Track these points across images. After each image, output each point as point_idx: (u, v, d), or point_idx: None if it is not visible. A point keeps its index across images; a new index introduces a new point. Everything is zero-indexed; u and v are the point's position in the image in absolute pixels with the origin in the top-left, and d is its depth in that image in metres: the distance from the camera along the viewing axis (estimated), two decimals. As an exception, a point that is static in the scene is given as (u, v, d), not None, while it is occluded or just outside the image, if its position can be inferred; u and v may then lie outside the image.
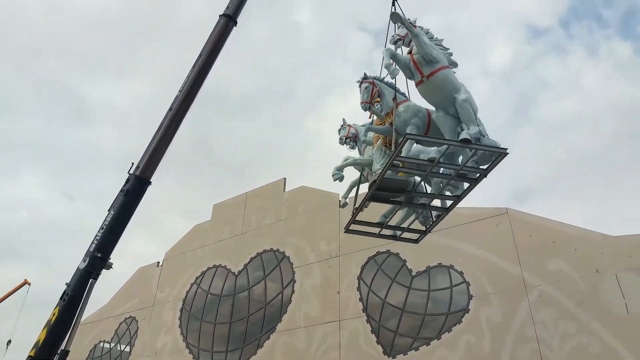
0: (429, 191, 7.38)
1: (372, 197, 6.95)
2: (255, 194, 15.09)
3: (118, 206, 9.08)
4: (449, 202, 7.30)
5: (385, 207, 7.78)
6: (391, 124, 6.86)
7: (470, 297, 9.43)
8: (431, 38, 6.79)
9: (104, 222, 9.16)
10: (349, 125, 8.19)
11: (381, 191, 6.83)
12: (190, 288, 14.81)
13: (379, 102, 7.14)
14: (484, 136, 6.35)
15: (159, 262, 16.37)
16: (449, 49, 6.87)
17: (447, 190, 7.08)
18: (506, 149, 6.25)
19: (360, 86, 7.10)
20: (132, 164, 9.35)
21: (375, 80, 7.11)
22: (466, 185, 6.90)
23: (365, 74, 7.18)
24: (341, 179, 7.70)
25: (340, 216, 12.40)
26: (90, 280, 8.81)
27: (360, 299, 11.03)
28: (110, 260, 9.30)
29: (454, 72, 6.66)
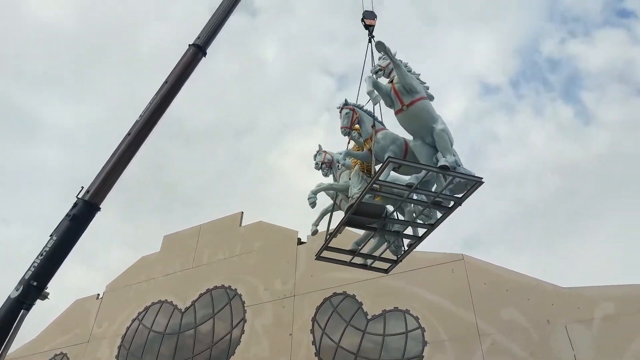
0: (399, 227, 7.50)
1: (348, 221, 7.02)
2: (210, 227, 14.63)
3: (62, 232, 8.43)
4: (421, 232, 7.40)
5: (357, 236, 7.95)
6: (370, 150, 7.04)
7: (425, 343, 9.38)
8: (409, 71, 7.12)
9: (44, 247, 8.43)
10: (325, 152, 8.26)
11: (358, 215, 6.91)
12: (131, 324, 13.89)
13: (358, 130, 7.34)
14: (459, 165, 6.57)
15: (99, 295, 15.35)
16: (425, 82, 7.21)
17: (420, 219, 7.22)
18: (482, 177, 6.48)
19: (340, 112, 7.27)
20: (82, 187, 8.82)
21: (355, 107, 7.29)
22: (440, 214, 7.05)
23: (346, 100, 7.36)
24: (314, 205, 7.68)
25: (298, 254, 12.21)
26: (22, 311, 8.02)
27: (313, 342, 10.71)
28: (46, 290, 8.58)
29: (431, 102, 7.00)
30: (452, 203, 6.78)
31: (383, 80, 7.07)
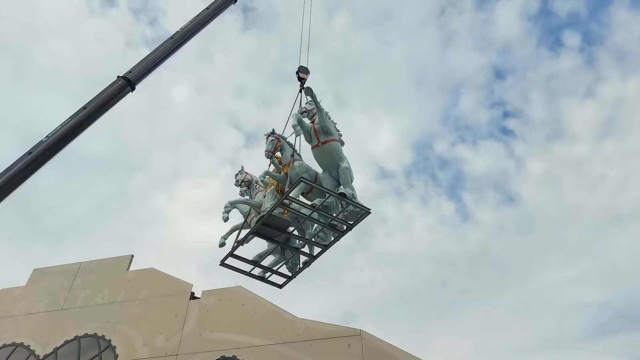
0: (299, 243, 8.73)
1: (257, 231, 8.04)
2: (91, 266, 13.19)
3: None
4: (316, 252, 8.62)
5: (261, 249, 8.78)
6: (286, 173, 8.28)
7: (311, 420, 8.99)
8: (329, 118, 8.58)
9: None
10: (246, 172, 9.29)
11: (266, 227, 7.91)
12: (-31, 368, 11.68)
13: (279, 157, 8.65)
14: (355, 198, 8.02)
15: None
16: (340, 130, 8.68)
17: (317, 240, 8.49)
18: (370, 208, 7.99)
19: (267, 138, 8.57)
20: None
21: (280, 137, 8.61)
22: (333, 237, 8.37)
23: (273, 129, 8.69)
24: (227, 219, 8.50)
25: (189, 309, 11.36)
26: None
27: (191, 409, 9.79)
28: None
29: (342, 147, 8.47)
30: (345, 227, 8.18)
31: (306, 121, 8.47)
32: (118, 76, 9.70)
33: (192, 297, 11.66)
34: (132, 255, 13.13)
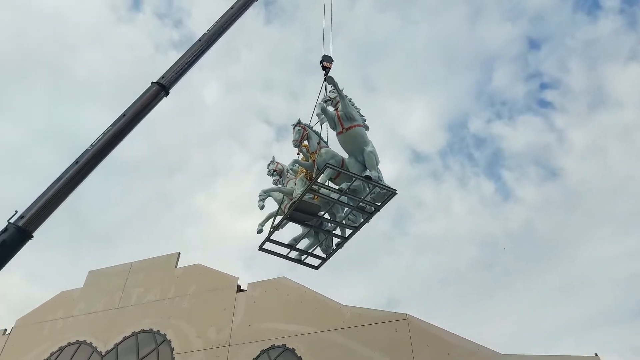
0: (331, 226, 9.10)
1: (290, 216, 8.43)
2: (142, 265, 13.74)
3: None
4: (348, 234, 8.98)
5: (296, 234, 9.18)
6: (314, 161, 8.65)
7: (364, 404, 9.11)
8: (352, 104, 8.84)
9: None
10: (277, 162, 9.68)
11: (298, 212, 8.31)
12: (40, 366, 12.48)
13: (306, 146, 8.87)
14: (381, 180, 8.32)
15: (6, 330, 13.75)
16: (364, 116, 8.95)
17: (347, 222, 8.82)
18: (395, 189, 8.26)
19: (294, 128, 8.84)
20: (16, 211, 8.03)
21: (306, 126, 8.86)
22: (362, 219, 8.67)
23: (299, 119, 8.93)
24: (262, 207, 8.97)
25: (237, 302, 11.67)
26: None
27: (246, 397, 10.11)
28: None
29: (366, 131, 8.73)
30: (372, 209, 8.48)
31: (330, 109, 8.82)
32: (152, 82, 9.97)
33: (239, 289, 11.97)
34: (179, 253, 13.58)
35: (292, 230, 9.42)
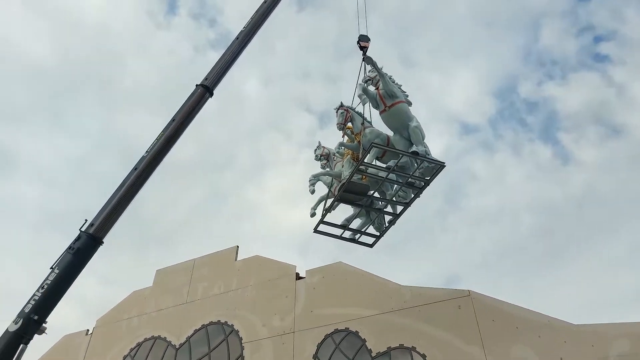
0: (382, 204, 9.22)
1: (340, 198, 8.67)
2: (204, 261, 14.23)
3: (65, 265, 8.15)
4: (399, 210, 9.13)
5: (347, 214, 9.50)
6: (359, 142, 8.78)
7: (433, 383, 9.03)
8: (393, 81, 8.88)
9: (44, 280, 8.13)
10: (324, 147, 9.98)
11: (348, 192, 8.51)
12: (122, 362, 13.31)
13: (350, 128, 9.01)
14: (428, 155, 8.37)
15: (88, 330, 14.75)
16: (406, 92, 8.98)
17: (398, 199, 8.92)
18: (444, 162, 8.19)
19: (337, 111, 9.03)
20: (86, 220, 8.59)
21: (348, 108, 9.04)
22: (413, 194, 8.72)
23: (341, 102, 9.09)
24: (313, 191, 9.35)
25: (297, 289, 11.86)
26: (22, 345, 7.64)
27: (315, 381, 10.29)
28: (44, 325, 8.22)
29: (409, 107, 8.74)
30: (422, 184, 8.52)
31: (371, 88, 8.89)
32: (197, 85, 10.27)
33: (298, 277, 12.15)
34: (237, 246, 13.95)
35: (344, 211, 9.71)
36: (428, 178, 8.39)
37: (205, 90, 10.21)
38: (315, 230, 9.35)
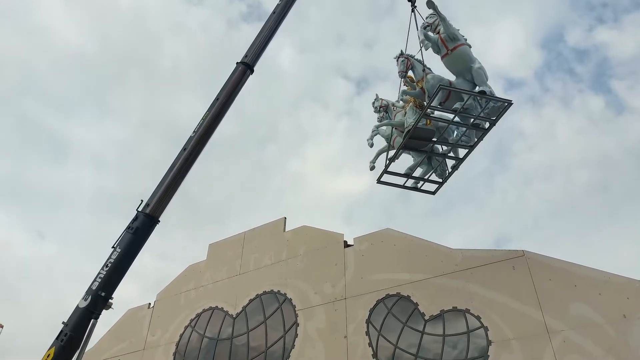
0: (445, 149, 9.42)
1: (405, 145, 8.90)
2: (253, 233, 14.61)
3: (125, 244, 8.71)
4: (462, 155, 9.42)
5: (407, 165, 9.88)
6: (422, 88, 8.91)
7: (489, 342, 9.03)
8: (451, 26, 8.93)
9: (108, 259, 8.76)
10: (382, 99, 10.13)
11: (414, 139, 8.69)
12: (184, 331, 14.03)
13: (410, 77, 9.27)
14: (493, 94, 8.39)
15: (150, 304, 15.58)
16: (464, 35, 8.97)
17: (462, 142, 9.03)
18: (511, 100, 8.19)
19: (397, 60, 9.20)
20: (142, 201, 9.03)
21: (409, 56, 9.18)
22: (477, 137, 8.87)
23: (401, 50, 9.27)
24: (371, 145, 9.61)
25: (346, 257, 12.02)
26: (92, 320, 8.27)
27: (370, 344, 10.51)
28: (111, 300, 8.80)
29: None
30: (488, 125, 8.65)
31: (431, 34, 8.97)
32: (237, 62, 10.35)
33: (346, 245, 12.28)
34: (285, 218, 14.20)
35: (404, 164, 10.06)
36: (494, 118, 8.49)
37: (246, 68, 10.31)
38: (379, 181, 9.69)
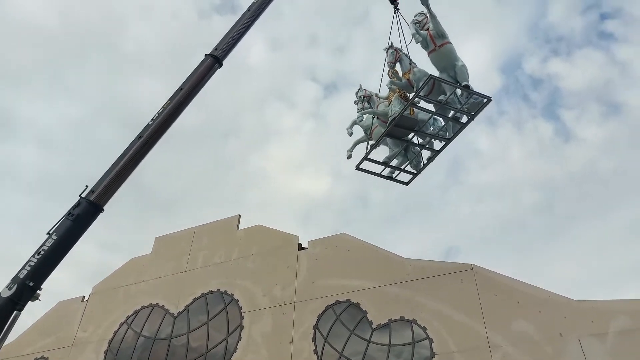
0: (423, 141, 9.97)
1: (388, 133, 9.45)
2: (205, 229, 14.20)
3: (63, 231, 7.99)
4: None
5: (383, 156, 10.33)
6: (408, 79, 9.43)
7: (433, 354, 9.18)
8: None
9: (41, 246, 7.96)
10: (365, 89, 10.58)
11: (398, 127, 9.23)
12: (119, 328, 13.33)
13: (396, 71, 9.81)
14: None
15: (84, 297, 14.73)
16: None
17: (440, 135, 9.66)
18: (490, 97, 8.92)
19: (387, 51, 9.74)
20: (87, 186, 8.42)
21: (397, 49, 9.75)
22: (453, 131, 9.52)
23: (391, 43, 9.87)
24: (351, 134, 10.17)
25: (299, 259, 11.91)
26: (15, 311, 7.56)
27: (315, 351, 10.41)
28: (39, 291, 8.10)
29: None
30: (467, 118, 9.29)
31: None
32: (206, 54, 10.08)
33: (300, 247, 12.18)
34: (239, 215, 13.92)
35: (381, 154, 10.44)
36: (473, 113, 9.16)
37: (214, 61, 10.06)
38: (358, 168, 10.15)
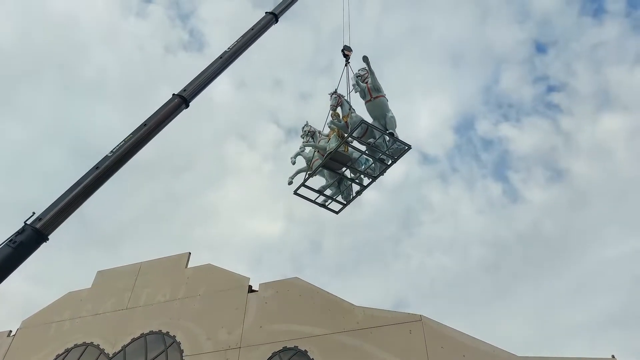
0: (354, 176, 11.08)
1: (324, 164, 10.53)
2: (151, 265, 13.66)
3: (1, 258, 7.48)
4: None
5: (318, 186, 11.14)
6: (346, 122, 10.62)
7: (378, 406, 9.02)
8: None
9: None
10: (311, 125, 11.55)
11: (333, 161, 10.42)
12: (46, 368, 12.34)
13: (337, 114, 11.01)
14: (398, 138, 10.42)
15: (10, 331, 13.62)
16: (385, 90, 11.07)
17: (368, 172, 10.83)
18: (410, 145, 10.37)
19: (331, 96, 10.83)
20: (33, 213, 7.94)
21: (340, 95, 10.91)
22: (379, 170, 10.73)
23: (336, 89, 11.01)
24: (294, 162, 11.21)
25: (248, 302, 11.59)
26: None
27: (258, 399, 10.00)
28: None
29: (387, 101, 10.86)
30: (390, 161, 10.62)
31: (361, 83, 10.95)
32: (173, 94, 10.13)
33: (250, 290, 11.89)
34: (189, 253, 13.51)
35: (318, 184, 11.21)
36: (396, 157, 10.54)
37: (182, 101, 10.08)
38: (295, 193, 10.98)
